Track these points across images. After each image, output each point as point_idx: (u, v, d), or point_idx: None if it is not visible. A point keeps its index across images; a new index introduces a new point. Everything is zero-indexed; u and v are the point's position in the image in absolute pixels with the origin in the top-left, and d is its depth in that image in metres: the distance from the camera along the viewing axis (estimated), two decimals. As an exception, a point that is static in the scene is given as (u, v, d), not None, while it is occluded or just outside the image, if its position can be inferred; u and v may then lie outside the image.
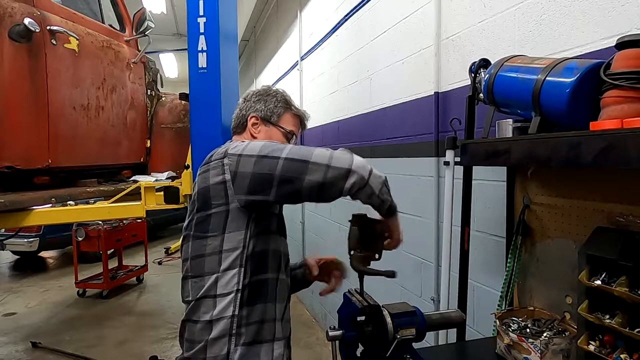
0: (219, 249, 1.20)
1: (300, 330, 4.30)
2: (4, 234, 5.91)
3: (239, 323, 1.18)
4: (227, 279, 1.19)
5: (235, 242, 1.19)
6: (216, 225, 1.20)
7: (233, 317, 1.18)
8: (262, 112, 1.41)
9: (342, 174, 1.06)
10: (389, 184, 1.14)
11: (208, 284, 1.20)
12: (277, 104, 1.42)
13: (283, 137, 1.42)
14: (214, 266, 1.20)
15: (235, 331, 1.18)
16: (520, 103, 1.25)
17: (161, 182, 3.14)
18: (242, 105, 1.45)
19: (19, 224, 2.71)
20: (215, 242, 1.20)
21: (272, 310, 1.25)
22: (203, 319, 1.19)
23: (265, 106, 1.41)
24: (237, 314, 1.18)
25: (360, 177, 1.07)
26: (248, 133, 1.42)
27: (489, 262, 1.87)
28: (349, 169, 1.06)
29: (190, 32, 2.57)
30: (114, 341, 4.32)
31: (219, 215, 1.19)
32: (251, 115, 1.41)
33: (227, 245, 1.19)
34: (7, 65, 2.43)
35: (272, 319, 1.25)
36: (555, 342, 1.18)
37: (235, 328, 1.18)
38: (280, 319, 1.28)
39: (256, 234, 1.20)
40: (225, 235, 1.19)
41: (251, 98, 1.44)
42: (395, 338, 1.13)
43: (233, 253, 1.19)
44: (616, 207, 1.16)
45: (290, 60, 5.38)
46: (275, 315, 1.25)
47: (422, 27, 2.35)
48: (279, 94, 1.45)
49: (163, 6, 7.35)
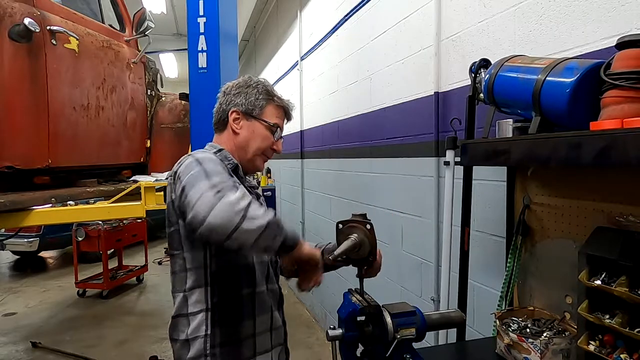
0: (184, 266, 1.20)
1: (300, 330, 4.30)
2: (4, 234, 5.91)
3: (213, 343, 1.17)
4: (194, 297, 1.19)
5: (197, 261, 1.19)
6: (176, 244, 1.21)
7: (206, 337, 1.17)
8: (243, 106, 1.32)
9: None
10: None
11: (179, 301, 1.21)
12: (258, 95, 1.33)
13: (267, 130, 1.33)
14: (182, 284, 1.21)
15: (210, 351, 1.17)
16: (521, 103, 1.25)
17: (161, 182, 3.14)
18: (222, 100, 1.35)
19: (19, 224, 2.71)
20: (180, 260, 1.21)
21: (251, 327, 1.23)
22: (181, 338, 1.21)
23: (246, 99, 1.32)
24: (209, 334, 1.17)
25: (243, 242, 1.00)
26: (230, 129, 1.33)
27: (489, 262, 1.87)
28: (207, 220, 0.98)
29: (190, 32, 2.58)
30: (114, 341, 4.32)
31: (175, 234, 1.20)
32: (232, 110, 1.32)
33: (190, 263, 1.19)
34: (7, 65, 2.43)
35: (251, 335, 1.23)
36: (555, 342, 1.18)
37: (209, 348, 1.17)
38: (264, 331, 1.26)
39: (218, 253, 1.18)
40: (185, 254, 1.20)
41: (231, 91, 1.35)
42: (395, 338, 1.13)
43: (197, 271, 1.19)
44: (616, 207, 1.16)
45: (290, 60, 5.38)
46: (254, 331, 1.23)
47: (422, 27, 2.35)
48: (260, 84, 1.35)
49: (163, 6, 7.34)
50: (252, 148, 1.33)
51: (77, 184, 3.13)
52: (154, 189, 3.05)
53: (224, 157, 1.28)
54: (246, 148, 1.33)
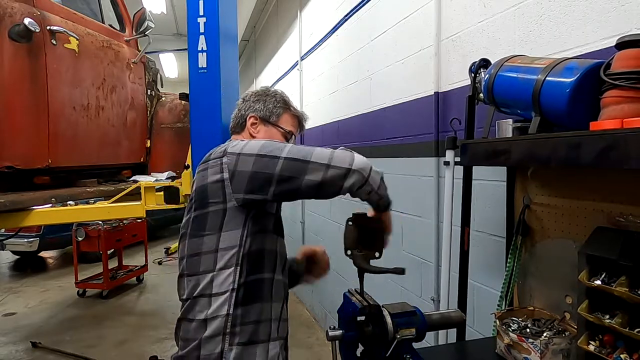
0: (215, 247, 1.20)
1: (300, 330, 4.30)
2: (4, 234, 5.91)
3: (234, 322, 1.18)
4: (222, 277, 1.19)
5: (232, 241, 1.19)
6: (213, 224, 1.20)
7: (227, 316, 1.18)
8: (261, 112, 1.42)
9: (341, 174, 1.07)
10: (386, 182, 1.15)
11: (204, 282, 1.20)
12: (276, 104, 1.43)
13: (282, 137, 1.42)
14: (210, 265, 1.20)
15: (230, 330, 1.18)
16: (520, 103, 1.25)
17: (161, 182, 3.14)
18: (241, 106, 1.45)
19: (19, 224, 2.71)
20: (211, 240, 1.20)
21: (268, 310, 1.25)
22: (198, 318, 1.20)
23: (265, 106, 1.42)
24: (231, 313, 1.18)
25: (360, 176, 1.08)
26: (247, 133, 1.42)
27: (489, 262, 1.87)
28: (348, 168, 1.08)
29: (190, 32, 2.57)
30: (114, 341, 4.32)
31: (216, 214, 1.19)
32: (250, 115, 1.42)
33: (224, 244, 1.19)
34: (7, 65, 2.43)
35: (268, 319, 1.25)
36: (555, 342, 1.18)
37: (229, 327, 1.18)
38: (276, 319, 1.28)
39: (253, 233, 1.20)
40: (221, 234, 1.19)
41: (250, 98, 1.45)
42: (395, 338, 1.13)
43: (229, 252, 1.19)
44: (616, 207, 1.16)
45: (290, 60, 5.38)
46: (271, 316, 1.25)
47: (422, 27, 2.35)
48: (277, 94, 1.46)
49: (163, 6, 7.35)
50: None
51: (77, 184, 3.13)
52: (154, 189, 3.05)
53: None
54: None
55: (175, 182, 3.05)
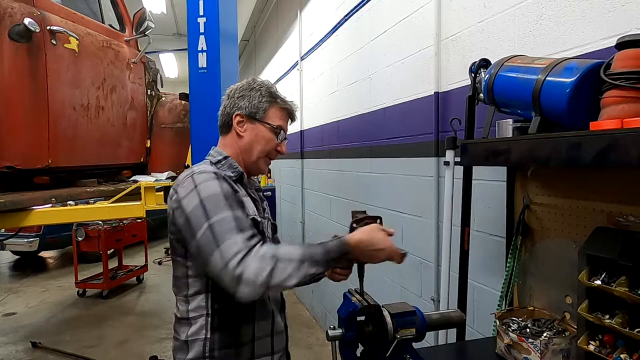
0: (185, 273, 1.22)
1: (300, 331, 4.30)
2: (4, 234, 5.91)
3: (212, 347, 1.19)
4: (195, 303, 1.21)
5: (198, 269, 1.19)
6: (179, 251, 1.22)
7: (205, 340, 1.19)
8: (246, 110, 1.32)
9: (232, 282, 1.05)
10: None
11: (181, 304, 1.23)
12: (261, 98, 1.33)
13: (270, 132, 1.33)
14: (184, 289, 1.22)
15: (209, 354, 1.18)
16: (520, 103, 1.25)
17: (161, 182, 3.14)
18: (226, 103, 1.36)
19: (19, 224, 2.71)
20: (181, 267, 1.23)
21: (250, 332, 1.24)
22: (181, 338, 1.22)
23: (250, 102, 1.32)
24: (209, 338, 1.19)
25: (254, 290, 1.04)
26: (234, 132, 1.34)
27: (489, 262, 1.87)
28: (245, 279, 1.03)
29: (190, 32, 2.58)
30: (114, 341, 4.32)
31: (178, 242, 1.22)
32: (236, 114, 1.32)
33: (192, 271, 1.21)
34: (7, 65, 2.43)
35: (250, 341, 1.23)
36: (555, 342, 1.18)
37: (208, 352, 1.18)
38: (265, 336, 1.27)
39: None
40: (187, 262, 1.21)
41: (234, 94, 1.35)
42: (395, 338, 1.13)
43: (199, 279, 1.20)
44: (616, 207, 1.16)
45: (290, 60, 5.38)
46: (253, 337, 1.24)
47: (422, 27, 2.35)
48: (263, 86, 1.35)
49: (163, 6, 7.35)
50: (256, 151, 1.33)
51: (77, 184, 3.13)
52: (154, 189, 3.05)
53: (229, 165, 1.29)
54: (250, 151, 1.33)
55: (175, 182, 3.05)
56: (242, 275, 1.03)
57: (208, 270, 1.10)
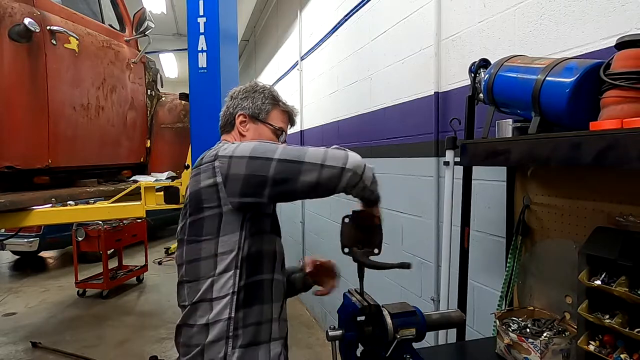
0: (214, 252, 1.19)
1: (300, 331, 4.30)
2: (4, 234, 5.91)
3: (236, 325, 1.18)
4: (222, 281, 1.19)
5: (230, 245, 1.19)
6: (210, 229, 1.20)
7: (229, 320, 1.18)
8: (249, 110, 1.38)
9: (336, 173, 1.07)
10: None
11: (204, 287, 1.20)
12: (264, 100, 1.39)
13: (272, 134, 1.38)
14: (210, 269, 1.20)
15: (232, 333, 1.18)
16: (520, 103, 1.25)
17: (161, 182, 3.14)
18: (230, 103, 1.41)
19: (19, 224, 2.71)
20: (209, 245, 1.20)
21: (269, 311, 1.25)
22: (200, 323, 1.20)
23: (253, 103, 1.38)
24: (233, 317, 1.18)
25: (354, 175, 1.09)
26: (236, 131, 1.39)
27: (489, 262, 1.87)
28: (342, 167, 1.08)
29: (190, 32, 2.57)
30: (114, 341, 4.32)
31: (212, 219, 1.19)
32: (239, 114, 1.38)
33: (222, 248, 1.19)
34: (7, 65, 2.43)
35: (269, 320, 1.25)
36: (555, 342, 1.18)
37: (232, 330, 1.18)
38: (276, 319, 1.28)
39: (251, 235, 1.20)
40: (219, 239, 1.19)
41: (238, 95, 1.40)
42: (395, 338, 1.13)
43: (228, 256, 1.19)
44: (616, 207, 1.16)
45: (290, 60, 5.38)
46: (271, 316, 1.25)
47: (422, 27, 2.35)
48: (266, 90, 1.41)
49: (163, 6, 7.34)
50: None
51: (77, 184, 3.13)
52: (154, 189, 3.05)
53: None
54: None
55: (175, 182, 3.05)
56: (347, 153, 1.10)
57: (299, 182, 1.08)
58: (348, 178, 1.08)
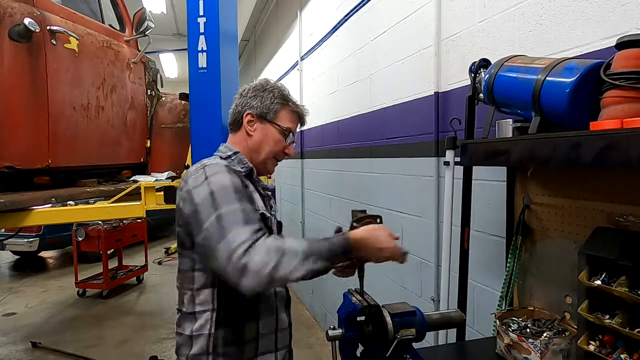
0: (193, 266, 1.21)
1: (300, 331, 4.30)
2: (4, 234, 5.91)
3: (215, 343, 1.19)
4: (201, 297, 1.20)
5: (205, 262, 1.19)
6: (187, 243, 1.21)
7: (210, 336, 1.18)
8: (257, 109, 1.34)
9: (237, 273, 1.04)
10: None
11: (187, 299, 1.22)
12: (273, 99, 1.35)
13: (280, 134, 1.35)
14: (190, 283, 1.22)
15: (212, 350, 1.18)
16: (520, 103, 1.25)
17: (161, 182, 3.14)
18: (238, 101, 1.38)
19: (19, 224, 2.71)
20: (188, 260, 1.22)
21: (254, 329, 1.24)
22: (185, 333, 1.21)
23: (262, 102, 1.34)
24: (213, 333, 1.18)
25: (287, 281, 1.08)
26: (243, 131, 1.35)
27: (489, 262, 1.87)
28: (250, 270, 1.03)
29: (190, 32, 2.57)
30: (114, 341, 4.32)
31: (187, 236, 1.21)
32: (247, 112, 1.34)
33: (200, 264, 1.20)
34: (7, 65, 2.43)
35: (254, 338, 1.23)
36: (555, 342, 1.18)
37: (212, 347, 1.18)
38: (269, 333, 1.27)
39: None
40: (194, 255, 1.20)
41: (247, 93, 1.37)
42: (395, 338, 1.13)
43: (206, 272, 1.20)
44: (616, 207, 1.16)
45: (290, 60, 5.38)
46: (257, 334, 1.24)
47: (422, 27, 2.35)
48: (276, 89, 1.37)
49: (163, 6, 7.34)
50: (264, 151, 1.34)
51: (77, 184, 3.13)
52: (154, 189, 3.05)
53: (239, 160, 1.30)
54: (259, 151, 1.34)
55: (175, 182, 3.05)
56: (247, 266, 1.02)
57: (212, 263, 1.09)
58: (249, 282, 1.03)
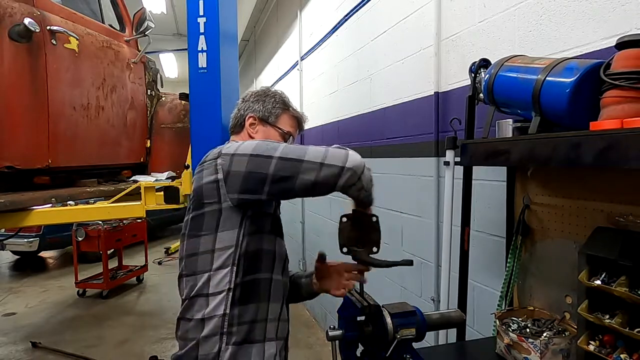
0: (212, 247, 1.21)
1: (300, 331, 4.30)
2: (4, 234, 5.91)
3: (230, 322, 1.19)
4: (219, 277, 1.20)
5: (228, 241, 1.20)
6: (209, 224, 1.21)
7: (224, 316, 1.19)
8: (259, 113, 1.42)
9: (335, 173, 1.08)
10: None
11: (201, 282, 1.21)
12: (275, 104, 1.43)
13: (280, 137, 1.42)
14: (207, 265, 1.21)
15: (226, 330, 1.19)
16: (520, 103, 1.25)
17: (161, 182, 3.14)
18: (241, 106, 1.46)
19: (19, 224, 2.71)
20: (208, 240, 1.21)
21: (265, 311, 1.25)
22: (196, 317, 1.21)
23: (264, 107, 1.42)
24: (228, 313, 1.19)
25: (353, 174, 1.09)
26: (245, 133, 1.43)
27: (489, 262, 1.87)
28: (342, 167, 1.08)
29: (190, 32, 2.57)
30: (114, 341, 4.32)
31: (212, 214, 1.20)
32: (249, 116, 1.42)
33: (220, 244, 1.20)
34: (7, 65, 2.43)
35: (264, 319, 1.25)
36: (555, 342, 1.18)
37: (226, 327, 1.19)
38: (274, 319, 1.28)
39: (249, 233, 1.21)
40: (217, 234, 1.20)
41: (250, 98, 1.45)
42: (395, 338, 1.13)
43: (226, 252, 1.20)
44: (616, 207, 1.16)
45: (290, 60, 5.38)
46: (267, 316, 1.26)
47: (422, 27, 2.35)
48: (277, 95, 1.46)
49: (163, 6, 7.35)
50: None
51: (77, 184, 3.13)
52: (154, 189, 3.05)
53: None
54: None
55: (175, 182, 3.05)
56: (349, 151, 1.11)
57: (298, 177, 1.09)
58: (347, 177, 1.09)
